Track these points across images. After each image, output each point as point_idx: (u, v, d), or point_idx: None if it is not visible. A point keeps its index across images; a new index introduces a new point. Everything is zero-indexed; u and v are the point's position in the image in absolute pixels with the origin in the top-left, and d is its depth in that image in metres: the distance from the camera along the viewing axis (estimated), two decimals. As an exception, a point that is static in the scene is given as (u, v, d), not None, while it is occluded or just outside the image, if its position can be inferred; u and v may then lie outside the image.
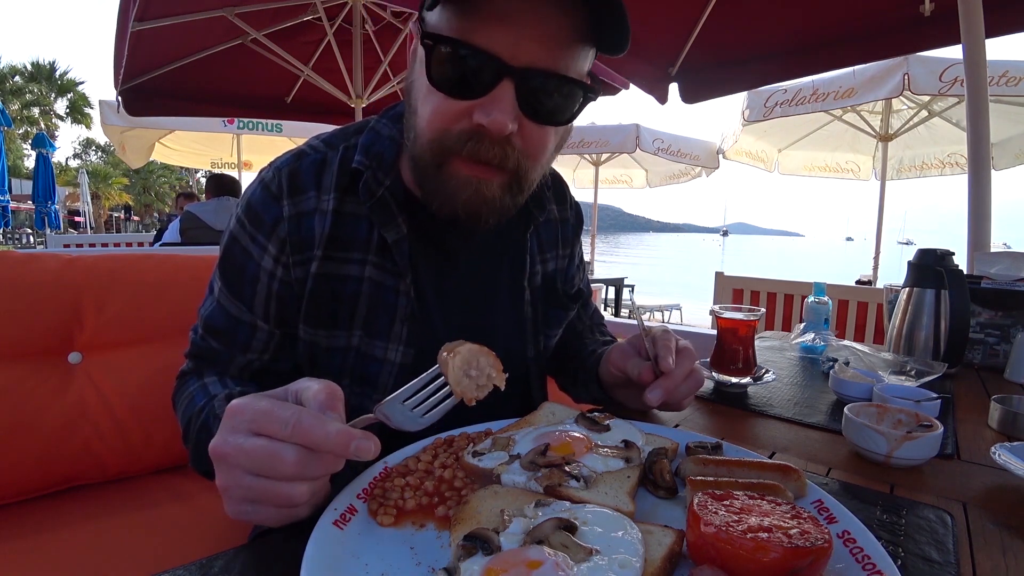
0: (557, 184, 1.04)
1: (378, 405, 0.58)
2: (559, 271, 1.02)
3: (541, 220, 0.95)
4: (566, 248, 1.04)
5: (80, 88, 36.33)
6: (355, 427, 0.51)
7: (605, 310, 7.71)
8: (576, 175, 9.90)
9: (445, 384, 0.59)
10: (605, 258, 36.87)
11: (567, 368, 1.07)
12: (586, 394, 1.02)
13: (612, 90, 3.82)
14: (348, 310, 0.79)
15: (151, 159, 8.38)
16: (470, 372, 0.60)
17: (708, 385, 1.18)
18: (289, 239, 0.76)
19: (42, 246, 12.06)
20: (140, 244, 6.14)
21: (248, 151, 8.28)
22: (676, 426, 0.95)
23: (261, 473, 0.49)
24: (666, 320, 8.81)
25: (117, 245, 5.91)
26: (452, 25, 0.65)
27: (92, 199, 26.20)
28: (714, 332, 1.25)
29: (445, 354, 0.60)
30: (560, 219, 1.03)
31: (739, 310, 1.14)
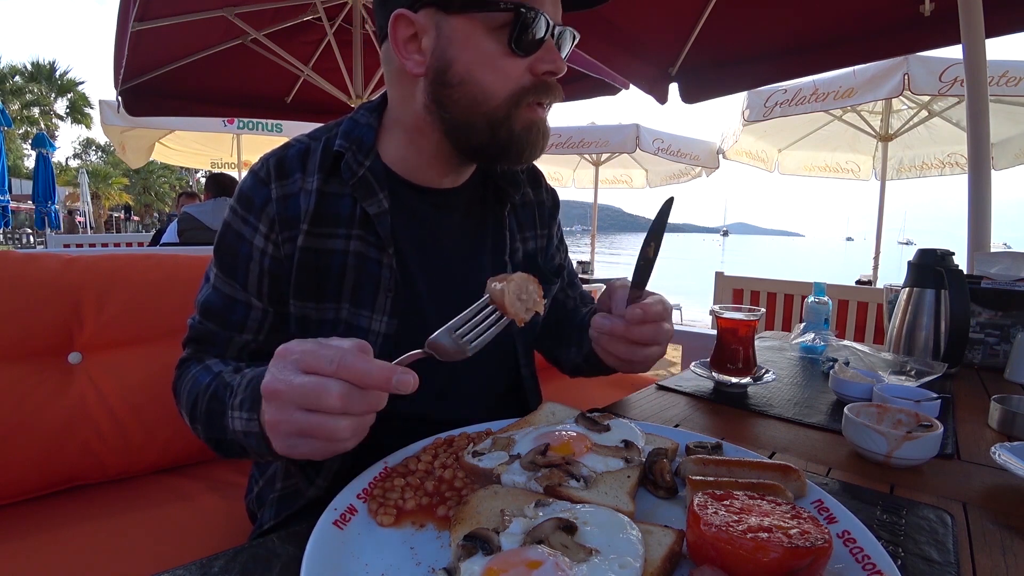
0: (531, 169, 1.09)
1: (429, 339, 0.62)
2: (539, 250, 1.07)
3: (518, 199, 1.01)
4: (543, 229, 1.08)
5: (80, 88, 36.22)
6: (400, 364, 0.55)
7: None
8: (576, 175, 9.89)
9: (491, 315, 0.66)
10: (605, 258, 36.75)
11: (561, 336, 1.10)
12: (577, 353, 1.04)
13: (612, 90, 3.82)
14: (335, 282, 0.84)
15: (151, 159, 8.37)
16: (521, 296, 0.67)
17: (708, 385, 1.18)
18: (278, 217, 0.82)
19: (42, 246, 12.05)
20: (140, 244, 6.12)
21: (248, 151, 8.25)
22: (676, 426, 0.95)
23: (310, 408, 0.53)
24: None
25: (117, 245, 5.89)
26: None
27: (92, 199, 26.17)
28: (714, 332, 1.25)
29: (496, 284, 0.66)
30: (536, 201, 1.08)
31: (739, 310, 1.14)
